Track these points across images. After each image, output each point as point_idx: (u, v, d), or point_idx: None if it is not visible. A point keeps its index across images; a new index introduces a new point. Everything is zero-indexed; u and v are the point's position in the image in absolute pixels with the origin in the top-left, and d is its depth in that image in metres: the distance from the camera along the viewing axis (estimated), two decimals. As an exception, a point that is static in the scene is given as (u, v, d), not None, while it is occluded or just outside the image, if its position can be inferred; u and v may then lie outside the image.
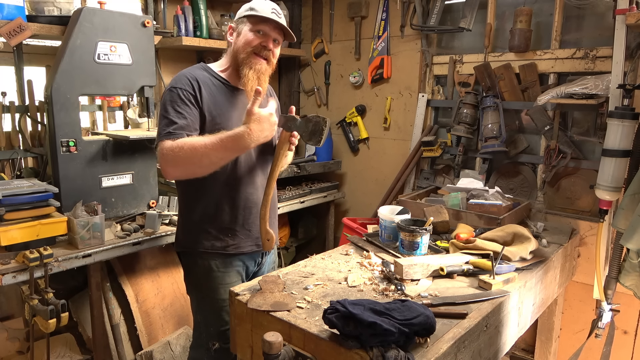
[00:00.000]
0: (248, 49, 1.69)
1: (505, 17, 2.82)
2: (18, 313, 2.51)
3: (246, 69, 1.69)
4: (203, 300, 1.81)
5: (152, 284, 2.60)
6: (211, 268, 1.77)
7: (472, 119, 2.79)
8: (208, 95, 1.69)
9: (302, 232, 3.69)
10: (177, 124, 1.60)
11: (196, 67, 1.77)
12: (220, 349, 1.77)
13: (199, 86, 1.67)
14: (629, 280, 2.17)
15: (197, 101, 1.66)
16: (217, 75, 1.76)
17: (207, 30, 2.95)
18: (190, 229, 1.80)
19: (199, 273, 1.79)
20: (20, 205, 1.92)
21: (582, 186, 2.59)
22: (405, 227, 1.85)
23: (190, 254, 1.81)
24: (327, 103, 3.70)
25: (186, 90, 1.65)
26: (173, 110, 1.62)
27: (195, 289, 1.84)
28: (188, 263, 1.83)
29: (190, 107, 1.64)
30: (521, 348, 2.77)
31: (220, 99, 1.72)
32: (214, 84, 1.73)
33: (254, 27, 1.70)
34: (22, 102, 2.44)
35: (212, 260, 1.76)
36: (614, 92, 2.24)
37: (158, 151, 1.61)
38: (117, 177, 2.34)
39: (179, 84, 1.66)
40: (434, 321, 1.24)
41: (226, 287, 1.72)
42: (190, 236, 1.80)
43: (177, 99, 1.64)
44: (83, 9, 2.13)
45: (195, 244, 1.77)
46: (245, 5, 1.75)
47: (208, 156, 1.54)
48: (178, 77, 1.70)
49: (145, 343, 2.52)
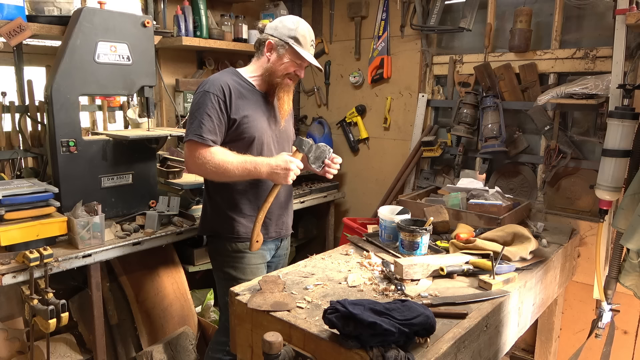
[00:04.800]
0: (284, 74, 1.92)
1: (505, 17, 2.82)
2: (18, 313, 2.50)
3: (282, 92, 1.96)
4: (230, 281, 1.91)
5: (152, 284, 2.60)
6: (239, 249, 1.95)
7: (472, 119, 2.79)
8: (237, 100, 1.88)
9: (302, 232, 3.69)
10: (207, 127, 1.81)
11: (227, 72, 1.97)
12: None
13: (230, 92, 1.87)
14: (629, 280, 2.17)
15: (227, 107, 1.86)
16: (247, 81, 1.96)
17: (207, 30, 2.95)
18: (218, 214, 1.98)
19: (228, 256, 1.97)
20: (20, 205, 1.92)
21: (582, 186, 2.58)
22: (405, 227, 1.85)
23: (221, 237, 1.98)
24: (327, 103, 3.70)
25: (217, 96, 1.84)
26: (205, 113, 1.82)
27: (223, 272, 2.00)
28: (217, 246, 2.01)
29: (220, 112, 1.84)
30: (521, 348, 2.77)
31: (249, 103, 1.91)
32: (243, 88, 1.93)
33: (294, 59, 1.90)
34: (22, 102, 2.44)
35: (240, 242, 1.95)
36: (614, 92, 2.24)
37: (187, 149, 1.85)
38: (117, 177, 2.34)
39: (212, 89, 1.84)
40: (434, 321, 1.24)
41: (252, 268, 1.97)
42: (219, 221, 1.98)
43: (209, 102, 1.83)
44: (83, 9, 2.13)
45: (225, 228, 1.96)
46: (289, 25, 1.90)
47: (229, 175, 1.82)
48: (212, 82, 1.87)
49: (145, 343, 2.52)
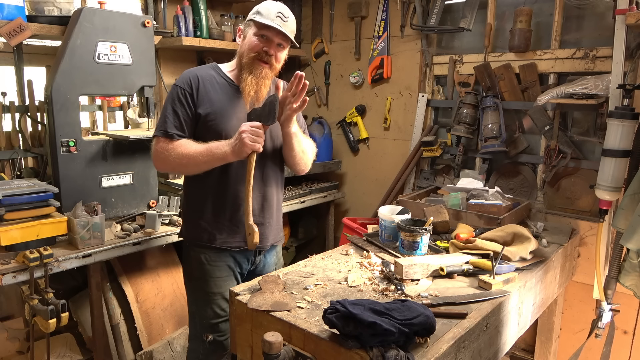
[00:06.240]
0: (251, 54, 1.72)
1: (505, 17, 2.82)
2: (18, 313, 2.50)
3: (246, 74, 1.73)
4: (195, 292, 1.85)
5: (152, 284, 2.60)
6: (201, 260, 1.81)
7: (472, 119, 2.79)
8: (207, 93, 1.74)
9: (302, 232, 3.69)
10: (171, 122, 1.71)
11: (206, 66, 1.86)
12: (215, 341, 1.80)
13: (198, 84, 1.74)
14: (629, 280, 2.17)
15: (193, 100, 1.73)
16: (224, 75, 1.82)
17: (207, 30, 2.95)
18: (186, 220, 1.89)
19: (191, 264, 1.85)
20: (20, 205, 1.92)
21: (582, 186, 2.58)
22: (405, 227, 1.85)
23: (186, 245, 1.88)
24: (327, 103, 3.70)
25: (184, 89, 1.73)
26: (171, 108, 1.73)
27: (188, 280, 1.90)
28: (184, 254, 1.90)
29: (186, 106, 1.73)
30: (521, 348, 2.77)
31: (221, 97, 1.77)
32: (217, 82, 1.78)
33: (258, 32, 1.72)
34: (22, 102, 2.44)
35: (202, 253, 1.81)
36: (614, 92, 2.25)
37: (153, 144, 1.75)
38: (117, 177, 2.34)
39: (179, 82, 1.75)
40: (434, 321, 1.24)
41: (216, 281, 1.81)
42: (186, 227, 1.89)
43: (176, 97, 1.73)
44: (83, 9, 2.13)
45: (189, 235, 1.86)
46: (256, 6, 1.77)
47: (194, 162, 1.68)
48: (182, 75, 1.77)
49: (145, 343, 2.52)
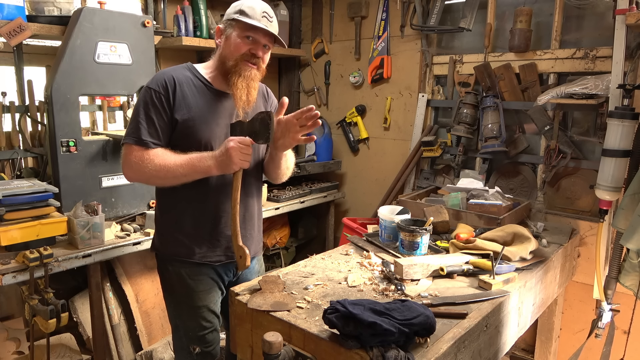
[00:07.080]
0: (237, 55, 1.61)
1: (505, 17, 2.82)
2: (18, 313, 2.50)
3: (235, 77, 1.61)
4: (179, 306, 1.75)
5: (152, 284, 2.60)
6: (182, 275, 1.70)
7: (472, 119, 2.79)
8: (184, 97, 1.61)
9: (302, 232, 3.69)
10: (146, 130, 1.57)
11: (180, 66, 1.70)
12: (202, 353, 1.74)
13: (175, 87, 1.60)
14: (629, 280, 2.17)
15: (169, 104, 1.60)
16: (200, 76, 1.68)
17: (207, 30, 2.95)
18: (160, 232, 1.75)
19: (171, 279, 1.73)
20: (20, 205, 1.92)
21: (582, 186, 2.58)
22: (405, 227, 1.85)
23: (163, 259, 1.75)
24: (327, 103, 3.70)
25: (159, 92, 1.59)
26: (144, 114, 1.58)
27: (169, 295, 1.77)
28: (161, 267, 1.77)
29: (161, 112, 1.59)
30: (521, 348, 2.76)
31: (199, 101, 1.64)
32: (194, 85, 1.65)
33: (242, 33, 1.60)
34: (22, 102, 2.44)
35: (182, 267, 1.69)
36: (614, 92, 2.25)
37: (124, 153, 1.60)
38: (117, 177, 2.34)
39: (153, 85, 1.60)
40: (434, 321, 1.24)
41: (200, 294, 1.70)
42: (160, 240, 1.74)
43: (150, 101, 1.59)
44: (83, 9, 2.13)
45: (164, 249, 1.73)
46: (235, 4, 1.64)
47: (173, 174, 1.55)
48: (156, 77, 1.63)
49: (145, 343, 2.52)
